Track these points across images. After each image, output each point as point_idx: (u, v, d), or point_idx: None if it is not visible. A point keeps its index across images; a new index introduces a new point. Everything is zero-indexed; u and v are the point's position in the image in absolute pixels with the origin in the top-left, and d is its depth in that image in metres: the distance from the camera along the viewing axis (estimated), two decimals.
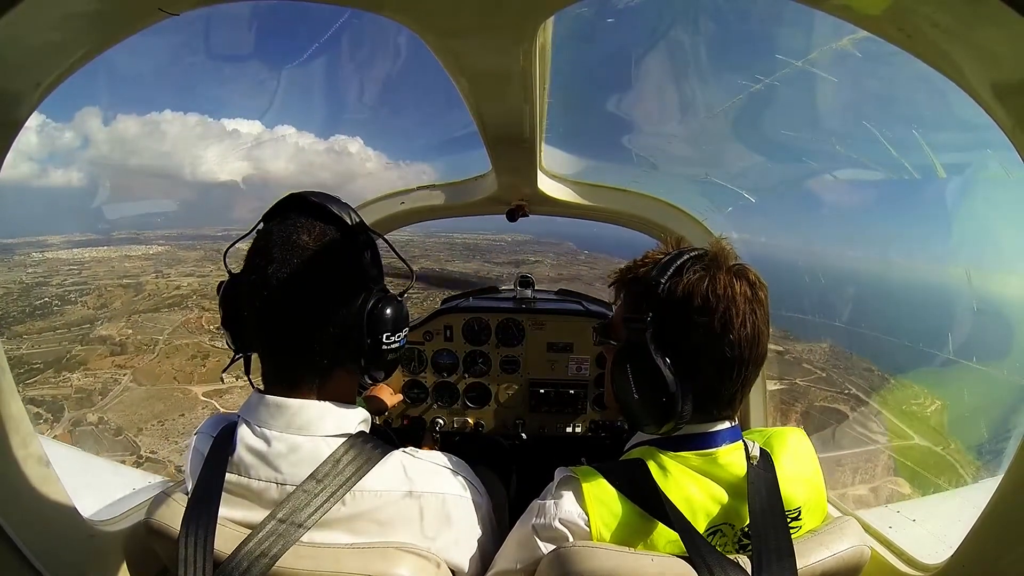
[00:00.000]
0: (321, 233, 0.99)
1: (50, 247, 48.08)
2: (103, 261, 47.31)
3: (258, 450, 0.98)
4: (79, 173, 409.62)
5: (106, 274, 44.97)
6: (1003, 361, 4.58)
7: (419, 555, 0.97)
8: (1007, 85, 0.73)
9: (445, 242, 45.10)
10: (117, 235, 54.78)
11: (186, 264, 44.52)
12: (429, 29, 0.94)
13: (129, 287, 41.96)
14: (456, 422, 2.48)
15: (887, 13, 0.76)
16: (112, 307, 39.86)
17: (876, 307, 13.51)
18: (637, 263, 1.12)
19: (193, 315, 37.16)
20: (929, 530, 1.37)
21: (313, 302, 0.97)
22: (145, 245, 49.52)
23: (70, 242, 49.82)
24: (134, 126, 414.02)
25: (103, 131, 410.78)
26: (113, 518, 1.33)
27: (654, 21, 1.72)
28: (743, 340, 0.97)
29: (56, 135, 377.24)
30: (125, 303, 39.83)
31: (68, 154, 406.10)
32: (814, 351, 20.95)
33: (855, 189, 9.39)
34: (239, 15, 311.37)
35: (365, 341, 1.01)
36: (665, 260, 1.04)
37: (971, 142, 1.76)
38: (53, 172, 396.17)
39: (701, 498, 1.00)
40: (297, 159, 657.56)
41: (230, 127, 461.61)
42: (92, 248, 48.83)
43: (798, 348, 22.38)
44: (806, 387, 19.10)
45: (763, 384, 1.97)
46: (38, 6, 0.69)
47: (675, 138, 2.25)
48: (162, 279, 43.13)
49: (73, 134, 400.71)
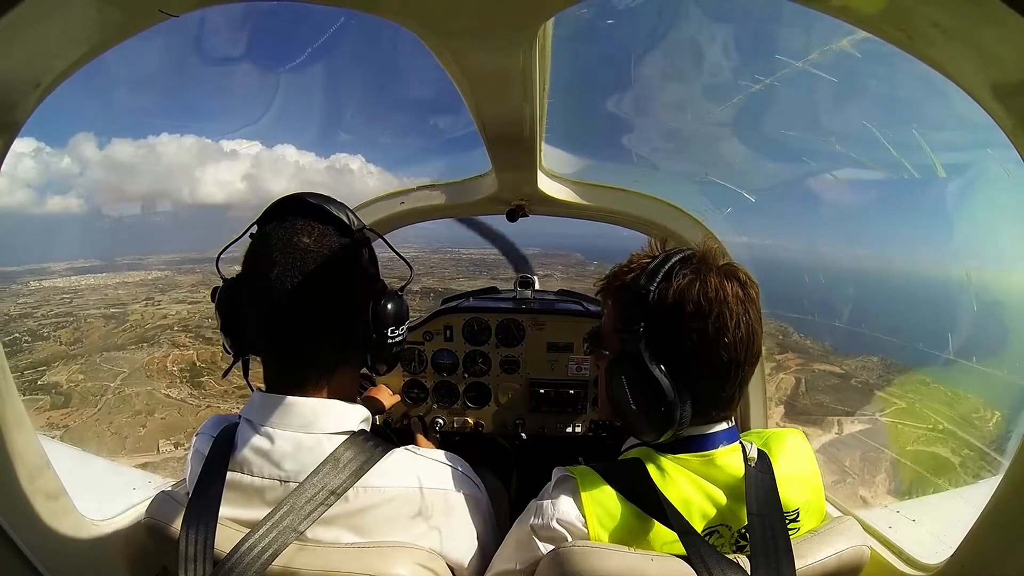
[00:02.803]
0: (321, 234, 1.00)
1: (50, 274, 46.54)
2: (98, 288, 45.28)
3: (261, 448, 0.98)
4: (78, 199, 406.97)
5: (96, 303, 42.84)
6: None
7: (418, 554, 0.97)
8: (1007, 85, 0.73)
9: (451, 258, 44.45)
10: (120, 260, 53.09)
11: (181, 290, 42.19)
12: (429, 29, 0.94)
13: (112, 318, 39.62)
14: (456, 422, 2.48)
15: (887, 13, 0.76)
16: (86, 342, 37.20)
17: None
18: (623, 269, 1.09)
19: (160, 353, 34.15)
20: (929, 530, 1.37)
21: (319, 303, 0.98)
22: (144, 271, 47.63)
23: (72, 268, 48.32)
24: (130, 149, 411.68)
25: (99, 155, 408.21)
26: (113, 518, 1.33)
27: (654, 22, 1.72)
28: (738, 342, 0.96)
29: (52, 160, 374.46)
30: (102, 336, 37.34)
31: (65, 180, 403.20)
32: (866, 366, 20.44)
33: (854, 188, 9.35)
34: (235, 17, 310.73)
35: (371, 336, 1.04)
36: (652, 265, 1.01)
37: (971, 142, 1.76)
38: (51, 199, 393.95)
39: (698, 499, 0.99)
40: (298, 178, 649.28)
41: (228, 148, 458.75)
42: (92, 275, 47.17)
43: (849, 364, 21.62)
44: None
45: (763, 385, 1.97)
46: (38, 6, 0.69)
47: (675, 138, 2.26)
48: (151, 307, 40.66)
49: (69, 159, 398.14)
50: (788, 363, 22.64)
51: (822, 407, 20.14)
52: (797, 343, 23.65)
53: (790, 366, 22.46)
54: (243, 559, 0.88)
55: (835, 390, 21.58)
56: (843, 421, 16.87)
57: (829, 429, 16.89)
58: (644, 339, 0.97)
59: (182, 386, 29.91)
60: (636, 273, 1.03)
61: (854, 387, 20.98)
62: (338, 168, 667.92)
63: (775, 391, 20.12)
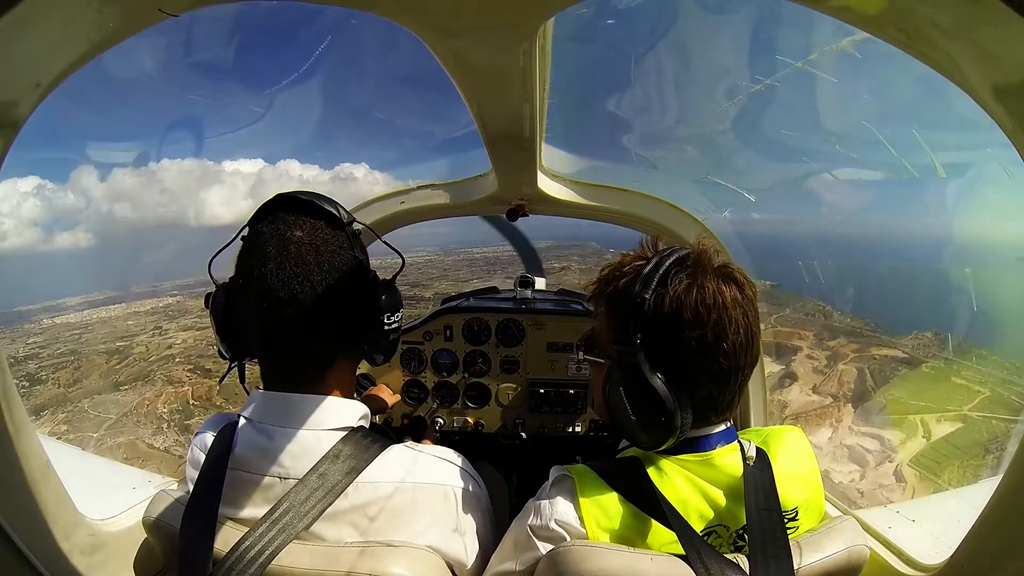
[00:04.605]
0: (313, 227, 1.00)
1: (64, 310, 45.40)
2: (109, 321, 43.83)
3: (261, 446, 0.99)
4: (85, 232, 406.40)
5: (104, 337, 41.21)
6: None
7: (417, 552, 0.97)
8: (1007, 85, 0.73)
9: (465, 258, 43.51)
10: (136, 289, 52.27)
11: (190, 315, 40.54)
12: (429, 29, 0.94)
13: (115, 353, 37.67)
14: (456, 422, 2.48)
15: (887, 13, 0.76)
16: (85, 383, 34.94)
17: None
18: (616, 273, 1.05)
19: (152, 393, 31.65)
20: (929, 530, 1.37)
21: (316, 295, 0.98)
22: (156, 298, 46.46)
23: (87, 303, 47.14)
24: (132, 178, 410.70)
25: (101, 187, 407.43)
26: (113, 517, 1.33)
27: (654, 22, 1.72)
28: (738, 348, 0.94)
29: (56, 198, 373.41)
30: (102, 375, 35.22)
31: (70, 214, 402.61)
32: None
33: (854, 188, 9.28)
34: (232, 20, 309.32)
35: (368, 325, 1.05)
36: (647, 270, 0.97)
37: (971, 142, 1.77)
38: (59, 235, 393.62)
39: (696, 499, 0.99)
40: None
41: (231, 168, 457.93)
42: (105, 308, 45.90)
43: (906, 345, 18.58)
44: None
45: (763, 384, 1.97)
46: (38, 6, 0.69)
47: (675, 138, 2.26)
48: (158, 336, 39.13)
49: (73, 195, 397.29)
50: (843, 351, 20.33)
51: (900, 405, 16.77)
52: (840, 325, 21.47)
53: (846, 354, 20.14)
54: (243, 558, 0.88)
55: (906, 381, 18.46)
56: (928, 422, 14.50)
57: (914, 434, 14.59)
58: (642, 350, 0.95)
59: (169, 432, 28.53)
60: (630, 278, 1.00)
61: (927, 375, 18.06)
62: (343, 177, 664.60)
63: (838, 387, 17.79)
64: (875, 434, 15.28)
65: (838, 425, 14.49)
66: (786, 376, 20.19)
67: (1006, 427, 8.47)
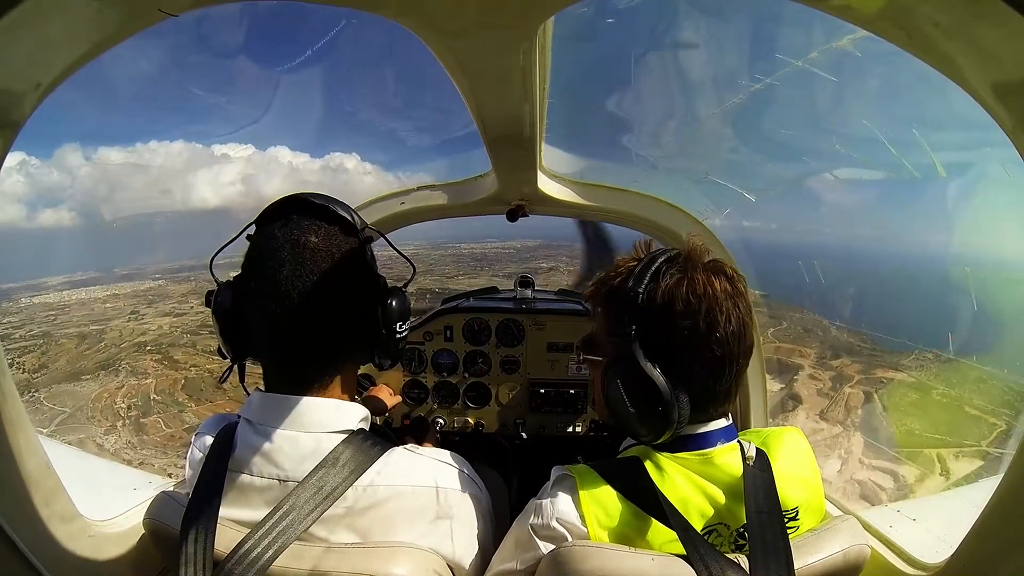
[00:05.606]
0: (328, 234, 1.00)
1: (45, 290, 43.82)
2: (87, 303, 42.21)
3: (261, 448, 0.98)
4: (69, 212, 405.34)
5: (80, 320, 39.46)
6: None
7: (418, 554, 0.97)
8: (1007, 85, 0.73)
9: (452, 254, 43.01)
10: (119, 271, 50.94)
11: (170, 300, 39.21)
12: (429, 29, 0.94)
13: (87, 337, 35.99)
14: (456, 422, 2.48)
15: (887, 13, 0.76)
16: (50, 368, 33.08)
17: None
18: (610, 275, 1.10)
19: (114, 384, 29.77)
20: (929, 530, 1.37)
21: (330, 302, 0.99)
22: (139, 280, 45.14)
23: (69, 283, 45.59)
24: (120, 157, 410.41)
25: (88, 165, 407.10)
26: (113, 518, 1.33)
27: (654, 22, 1.72)
28: (730, 336, 0.97)
29: (40, 173, 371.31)
30: (69, 360, 33.39)
31: (55, 192, 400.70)
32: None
33: (853, 188, 9.22)
34: (230, 18, 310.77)
35: (381, 333, 1.06)
36: (639, 268, 1.02)
37: (971, 141, 1.77)
38: (43, 212, 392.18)
39: (696, 498, 0.99)
40: (293, 179, 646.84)
41: (219, 152, 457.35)
42: (86, 288, 44.26)
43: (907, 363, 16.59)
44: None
45: (763, 384, 1.97)
46: (38, 6, 0.69)
47: (675, 137, 2.26)
48: (132, 322, 37.47)
49: (57, 172, 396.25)
50: (847, 371, 19.05)
51: (914, 437, 15.04)
52: (839, 341, 19.87)
53: (851, 375, 18.95)
54: (243, 560, 0.88)
55: (918, 408, 16.60)
56: (945, 457, 13.09)
57: (931, 470, 13.31)
58: (636, 341, 0.97)
59: (122, 431, 26.89)
60: (623, 277, 1.04)
61: (939, 403, 16.37)
62: (332, 167, 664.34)
63: (846, 414, 16.34)
64: (889, 469, 13.74)
65: (848, 457, 13.72)
66: (789, 398, 18.65)
67: (1006, 427, 8.41)
